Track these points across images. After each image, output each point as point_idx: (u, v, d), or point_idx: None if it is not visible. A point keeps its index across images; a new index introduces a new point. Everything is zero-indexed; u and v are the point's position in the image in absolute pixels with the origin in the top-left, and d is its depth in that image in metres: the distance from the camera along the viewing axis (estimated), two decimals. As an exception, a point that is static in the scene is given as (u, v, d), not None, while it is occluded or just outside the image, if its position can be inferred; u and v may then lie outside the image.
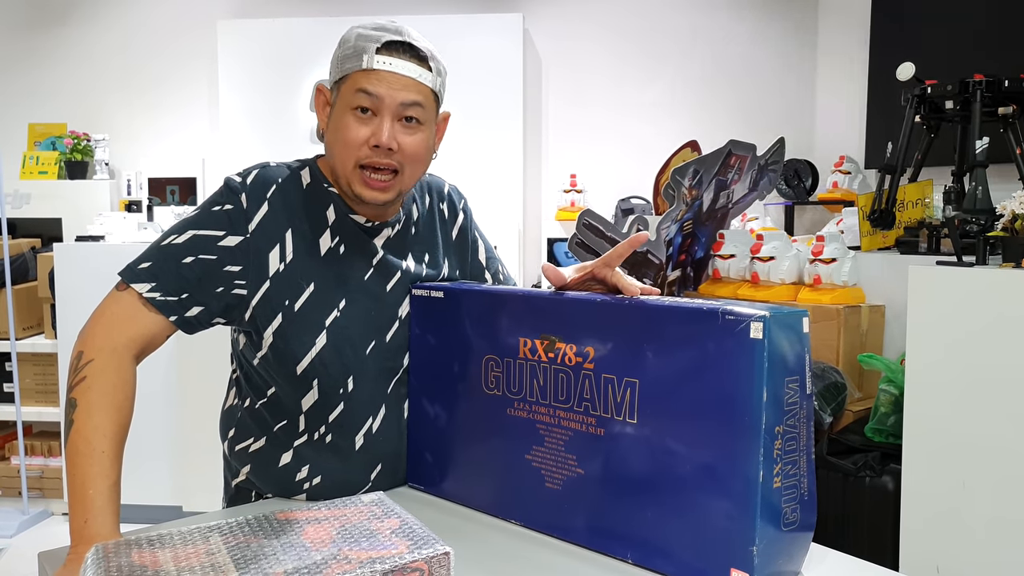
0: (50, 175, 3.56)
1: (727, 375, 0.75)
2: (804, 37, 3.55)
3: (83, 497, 0.83)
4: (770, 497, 0.74)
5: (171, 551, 0.70)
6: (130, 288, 0.92)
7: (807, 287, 2.19)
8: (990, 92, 1.94)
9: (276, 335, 0.96)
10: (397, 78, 0.92)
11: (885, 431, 1.84)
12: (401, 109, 0.92)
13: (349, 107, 0.93)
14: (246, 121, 3.49)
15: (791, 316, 0.77)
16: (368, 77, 0.91)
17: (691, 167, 2.17)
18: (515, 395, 0.93)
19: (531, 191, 3.65)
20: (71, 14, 3.77)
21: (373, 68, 0.91)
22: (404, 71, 0.92)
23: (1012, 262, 1.55)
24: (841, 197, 2.97)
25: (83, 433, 0.86)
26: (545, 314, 0.91)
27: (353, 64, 0.92)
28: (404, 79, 0.92)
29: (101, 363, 0.89)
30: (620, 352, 0.84)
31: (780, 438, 0.75)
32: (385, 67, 0.91)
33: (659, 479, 0.80)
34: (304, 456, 1.00)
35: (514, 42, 3.47)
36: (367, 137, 0.92)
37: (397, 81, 0.92)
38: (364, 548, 0.69)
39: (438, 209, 1.10)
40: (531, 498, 0.90)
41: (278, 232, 0.96)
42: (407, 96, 0.92)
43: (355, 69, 0.92)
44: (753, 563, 0.73)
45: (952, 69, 2.14)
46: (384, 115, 0.92)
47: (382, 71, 0.91)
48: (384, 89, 0.91)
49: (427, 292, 1.03)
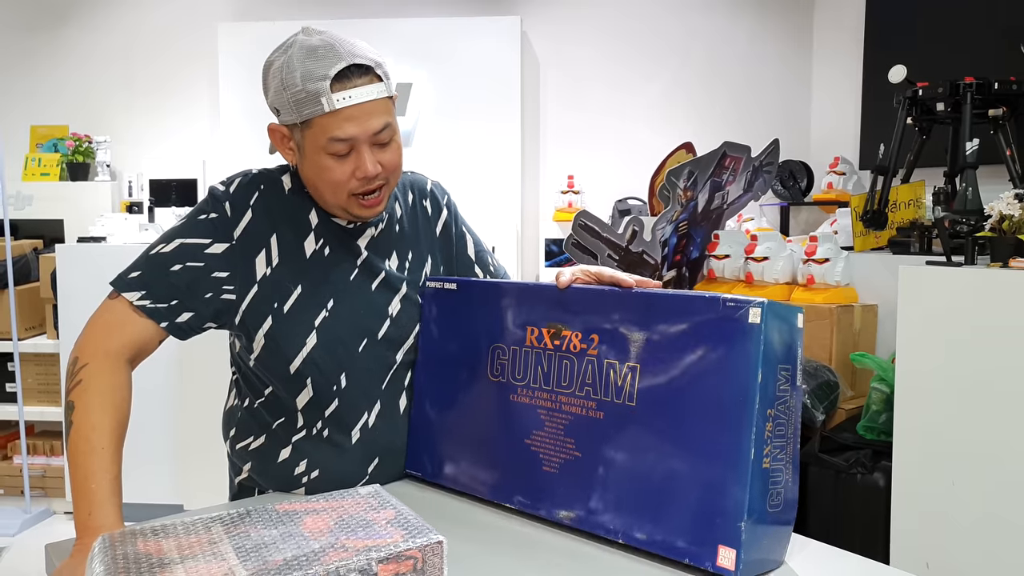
0: (52, 177, 3.59)
1: (725, 357, 0.79)
2: (799, 40, 3.57)
3: (86, 491, 0.86)
4: (759, 475, 0.77)
5: (174, 540, 0.72)
6: (121, 297, 0.95)
7: (801, 287, 2.21)
8: (980, 94, 1.97)
9: (267, 337, 0.99)
10: (361, 109, 0.90)
11: (877, 429, 1.86)
12: (374, 137, 0.93)
13: (324, 152, 0.92)
14: (247, 123, 3.51)
15: (787, 309, 0.81)
16: (334, 120, 0.90)
17: (686, 168, 2.19)
18: (519, 382, 0.96)
19: (529, 192, 3.67)
20: (73, 16, 3.80)
21: (335, 109, 0.89)
22: (364, 97, 0.91)
23: (999, 262, 1.57)
24: (836, 198, 2.99)
25: (82, 432, 0.88)
26: (553, 303, 0.94)
27: (313, 109, 0.90)
28: (367, 106, 0.91)
29: (96, 367, 0.91)
30: (623, 338, 0.87)
31: (771, 421, 0.78)
32: (346, 103, 0.89)
33: (654, 459, 0.83)
34: (302, 450, 1.02)
35: (512, 45, 3.49)
36: (351, 173, 0.93)
37: (362, 112, 0.91)
38: (360, 537, 0.72)
39: (420, 206, 1.12)
40: (528, 481, 0.93)
41: (263, 237, 0.99)
42: (377, 123, 0.92)
43: (317, 115, 0.90)
44: (740, 538, 0.76)
45: (945, 71, 2.17)
46: (361, 149, 0.92)
47: (344, 109, 0.90)
48: (354, 128, 0.91)
49: (440, 284, 1.06)
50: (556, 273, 0.96)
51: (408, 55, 3.49)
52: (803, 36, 3.57)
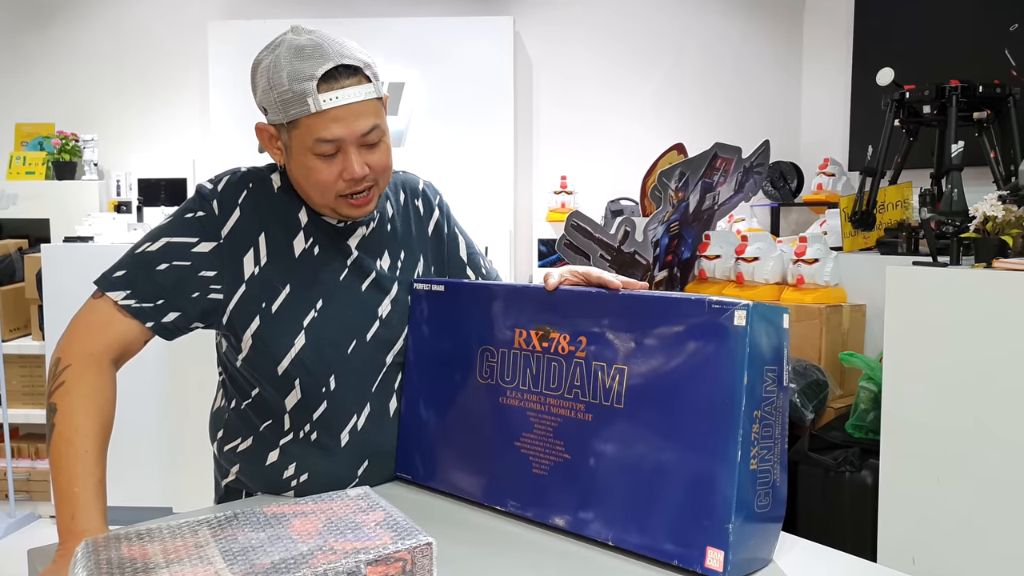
0: (38, 175, 3.55)
1: (711, 359, 0.79)
2: (790, 41, 3.59)
3: (69, 495, 0.85)
4: (746, 477, 0.77)
5: (160, 544, 0.71)
6: (106, 296, 0.94)
7: (790, 287, 2.23)
8: (965, 97, 1.99)
9: (255, 337, 0.98)
10: (348, 110, 0.89)
11: (865, 427, 1.88)
12: (362, 138, 0.92)
13: (311, 152, 0.91)
14: (237, 122, 3.49)
15: (773, 310, 0.81)
16: (321, 121, 0.89)
17: (677, 169, 2.20)
18: (508, 384, 0.95)
19: (522, 192, 3.67)
20: (60, 13, 3.76)
21: (322, 109, 0.88)
22: (351, 98, 0.89)
23: (983, 263, 1.58)
24: (825, 199, 3.01)
25: (65, 435, 0.87)
26: (541, 305, 0.94)
27: (299, 109, 0.89)
28: (354, 107, 0.90)
29: (79, 368, 0.90)
30: (611, 340, 0.87)
31: (758, 423, 0.78)
32: (333, 103, 0.88)
33: (642, 461, 0.83)
34: (291, 454, 1.02)
35: (504, 45, 3.49)
36: (339, 174, 0.92)
37: (349, 113, 0.90)
38: (349, 539, 0.71)
39: (412, 206, 1.11)
40: (517, 484, 0.93)
41: (251, 236, 0.98)
42: (365, 124, 0.91)
43: (303, 115, 0.89)
44: (728, 540, 0.76)
45: (933, 74, 2.19)
46: (348, 150, 0.91)
47: (331, 110, 0.89)
48: (341, 129, 0.90)
49: (428, 287, 1.05)
50: (544, 275, 0.96)
51: (400, 55, 3.48)
52: (794, 37, 3.59)
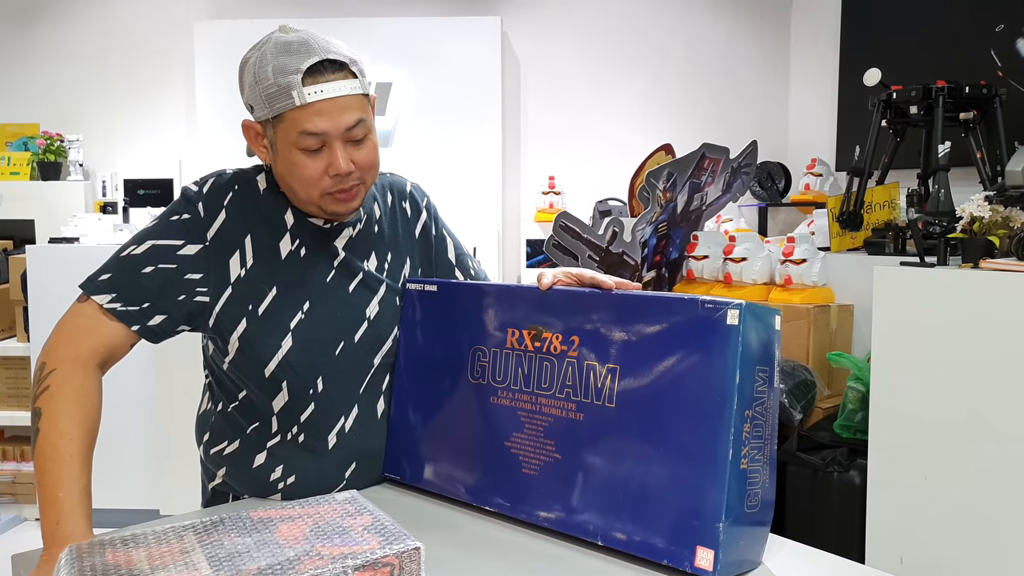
0: (22, 176, 3.51)
1: (703, 359, 0.80)
2: (778, 41, 3.61)
3: (54, 500, 0.84)
4: (737, 476, 0.78)
5: (145, 550, 0.71)
6: (91, 300, 0.93)
7: (778, 287, 2.24)
8: (952, 98, 2.00)
9: (242, 340, 0.97)
10: (333, 103, 0.89)
11: (853, 427, 1.89)
12: (347, 133, 0.92)
13: (295, 147, 0.91)
14: (223, 123, 3.46)
15: (765, 311, 0.82)
16: (305, 114, 0.89)
17: (665, 170, 2.20)
18: (499, 384, 0.95)
19: (510, 193, 3.67)
20: (44, 12, 3.72)
21: (307, 102, 0.89)
22: (336, 92, 0.90)
23: (970, 263, 1.60)
24: (813, 199, 3.03)
25: (50, 440, 0.86)
26: (534, 305, 0.94)
27: (284, 103, 0.89)
28: (339, 101, 0.90)
29: (64, 372, 0.89)
30: (603, 340, 0.87)
31: (749, 422, 0.79)
32: (318, 97, 0.89)
33: (632, 461, 0.83)
34: (278, 456, 1.01)
35: (492, 45, 3.49)
36: (324, 170, 0.92)
37: (334, 107, 0.90)
38: (337, 544, 0.71)
39: (400, 208, 1.10)
40: (507, 484, 0.93)
41: (237, 238, 0.97)
42: (350, 119, 0.91)
43: (288, 108, 0.89)
44: (719, 539, 0.76)
45: (920, 75, 2.21)
46: (333, 145, 0.91)
47: (316, 103, 0.89)
48: (326, 123, 0.90)
49: (421, 287, 1.05)
50: (538, 275, 0.96)
51: (388, 55, 3.47)
52: (781, 38, 3.61)
